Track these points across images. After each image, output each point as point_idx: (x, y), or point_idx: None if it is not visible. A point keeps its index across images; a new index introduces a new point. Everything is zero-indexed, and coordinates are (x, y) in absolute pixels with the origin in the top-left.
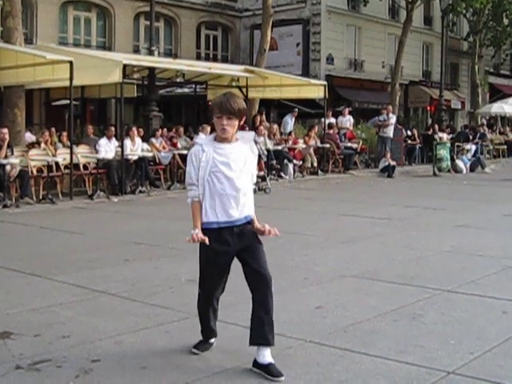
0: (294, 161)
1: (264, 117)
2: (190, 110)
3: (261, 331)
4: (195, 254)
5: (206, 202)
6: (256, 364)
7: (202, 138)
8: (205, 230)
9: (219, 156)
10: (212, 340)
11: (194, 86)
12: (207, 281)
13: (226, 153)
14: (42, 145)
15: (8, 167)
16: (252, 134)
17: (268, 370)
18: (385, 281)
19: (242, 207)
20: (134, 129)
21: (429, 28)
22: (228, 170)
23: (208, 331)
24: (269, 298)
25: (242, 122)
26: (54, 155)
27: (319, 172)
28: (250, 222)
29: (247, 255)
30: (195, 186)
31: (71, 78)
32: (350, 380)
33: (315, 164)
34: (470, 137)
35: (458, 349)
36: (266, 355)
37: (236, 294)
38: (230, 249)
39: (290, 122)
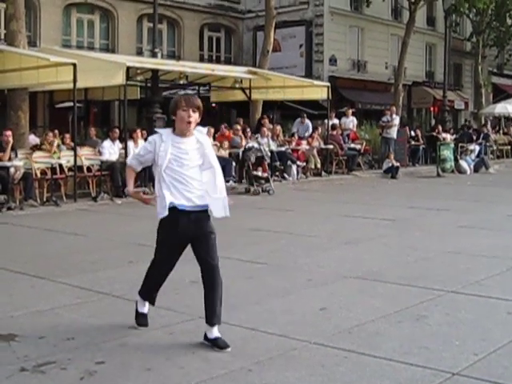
0: (298, 162)
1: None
2: None
3: (214, 313)
4: None
5: (166, 189)
6: (206, 338)
7: (163, 129)
8: (164, 215)
9: (177, 148)
10: (146, 310)
11: (197, 87)
12: (159, 258)
13: (184, 146)
14: (44, 146)
15: (12, 170)
16: (205, 129)
17: (216, 343)
18: (389, 282)
19: (199, 196)
20: (138, 131)
21: (432, 28)
22: (185, 161)
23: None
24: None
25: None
26: (58, 154)
27: (323, 173)
28: (206, 211)
29: (199, 243)
30: (135, 162)
31: (75, 81)
32: (355, 381)
33: (319, 165)
34: (474, 137)
35: (462, 350)
36: (214, 331)
37: (239, 296)
38: (184, 232)
39: (298, 126)
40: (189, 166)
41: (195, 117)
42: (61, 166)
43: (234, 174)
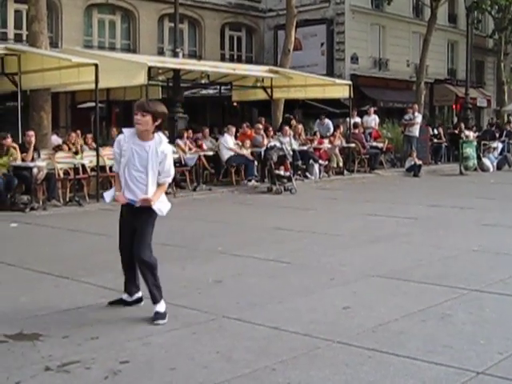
0: (320, 161)
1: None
2: (214, 111)
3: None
4: (221, 255)
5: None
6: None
7: (128, 130)
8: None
9: (134, 150)
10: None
11: (218, 87)
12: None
13: (139, 148)
14: (69, 146)
15: (35, 170)
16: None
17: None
18: (412, 281)
19: (141, 194)
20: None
21: (453, 26)
22: (136, 163)
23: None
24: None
25: (156, 124)
26: (80, 155)
27: (345, 172)
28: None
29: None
30: (116, 163)
31: (96, 81)
32: (379, 381)
33: (341, 164)
34: (497, 135)
35: (487, 349)
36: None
37: (262, 295)
38: (128, 221)
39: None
40: (138, 168)
41: (143, 120)
42: (83, 166)
43: (256, 173)
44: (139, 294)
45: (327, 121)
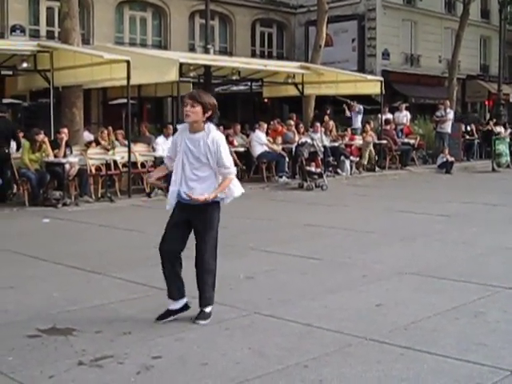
0: (351, 157)
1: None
2: (245, 108)
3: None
4: (252, 251)
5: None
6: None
7: (182, 125)
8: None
9: (187, 144)
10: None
11: (249, 83)
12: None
13: (190, 142)
14: (102, 142)
15: (67, 166)
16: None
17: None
18: (445, 278)
19: (199, 189)
20: None
21: (486, 21)
22: (190, 157)
23: None
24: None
25: (207, 115)
26: (112, 151)
27: (376, 168)
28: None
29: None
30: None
31: (128, 77)
32: (412, 379)
33: (375, 159)
34: None
35: None
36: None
37: (294, 291)
38: (180, 220)
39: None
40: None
41: (194, 111)
42: (115, 162)
43: (287, 169)
44: (185, 300)
45: (359, 107)
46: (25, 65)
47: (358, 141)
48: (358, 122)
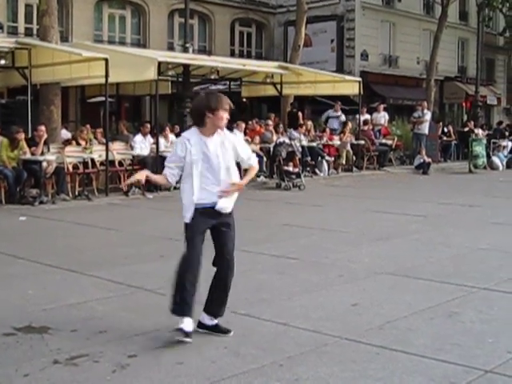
0: (327, 157)
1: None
2: None
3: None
4: None
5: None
6: (204, 326)
7: (190, 132)
8: None
9: (203, 150)
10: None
11: (228, 82)
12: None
13: (206, 147)
14: (81, 142)
15: (44, 164)
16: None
17: (219, 329)
18: (421, 278)
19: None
20: (167, 128)
21: (464, 23)
22: (211, 161)
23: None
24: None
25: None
26: (90, 149)
27: (354, 169)
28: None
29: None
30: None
31: (107, 76)
32: (387, 378)
33: (352, 160)
34: (506, 133)
35: (495, 347)
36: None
37: (271, 291)
38: (203, 230)
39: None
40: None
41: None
42: (92, 160)
43: (264, 169)
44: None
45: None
46: (2, 61)
47: (336, 141)
48: (334, 123)
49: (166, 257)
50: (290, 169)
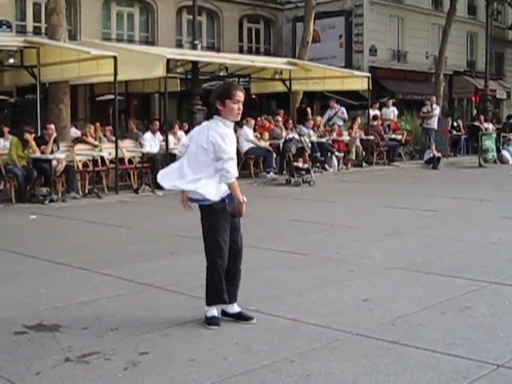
0: (336, 153)
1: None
2: None
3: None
4: None
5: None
6: (228, 314)
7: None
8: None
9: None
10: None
11: (237, 79)
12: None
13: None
14: (89, 139)
15: (54, 162)
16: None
17: (241, 316)
18: (432, 273)
19: None
20: (176, 125)
21: (473, 17)
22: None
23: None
24: None
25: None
26: (99, 147)
27: (363, 164)
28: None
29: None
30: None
31: (115, 73)
32: (398, 373)
33: (362, 155)
34: None
35: (507, 342)
36: (236, 307)
37: (281, 287)
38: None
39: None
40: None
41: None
42: (102, 158)
43: (274, 165)
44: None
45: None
46: (11, 60)
47: (346, 137)
48: (336, 120)
49: (176, 254)
50: (300, 165)
